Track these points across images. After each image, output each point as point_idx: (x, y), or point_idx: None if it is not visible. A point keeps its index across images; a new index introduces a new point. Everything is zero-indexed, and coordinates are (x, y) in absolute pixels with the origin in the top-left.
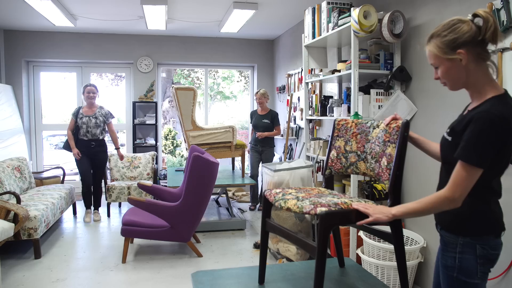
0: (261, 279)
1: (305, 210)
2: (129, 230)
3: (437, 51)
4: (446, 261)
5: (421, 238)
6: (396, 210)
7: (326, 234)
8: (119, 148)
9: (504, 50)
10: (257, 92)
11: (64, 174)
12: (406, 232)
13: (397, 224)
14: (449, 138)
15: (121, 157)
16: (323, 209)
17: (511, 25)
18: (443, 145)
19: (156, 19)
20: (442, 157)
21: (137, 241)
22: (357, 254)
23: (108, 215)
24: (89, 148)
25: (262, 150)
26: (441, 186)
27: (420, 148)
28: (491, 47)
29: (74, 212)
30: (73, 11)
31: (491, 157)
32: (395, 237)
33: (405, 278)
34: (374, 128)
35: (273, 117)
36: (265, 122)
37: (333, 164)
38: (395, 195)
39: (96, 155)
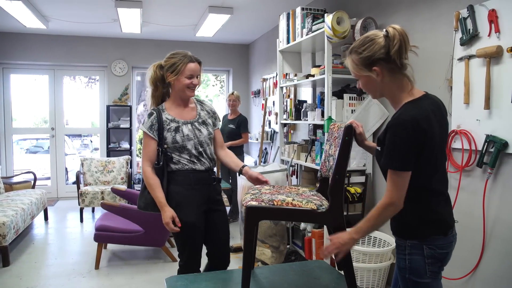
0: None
1: (243, 203)
2: (103, 236)
3: (353, 68)
4: (399, 263)
5: (393, 239)
6: (357, 235)
7: (250, 225)
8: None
9: (470, 57)
10: (232, 93)
11: (35, 179)
12: (378, 234)
13: (334, 222)
14: (379, 148)
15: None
16: (253, 203)
17: (477, 33)
18: (377, 156)
19: (130, 23)
20: (379, 165)
21: (110, 246)
22: (331, 256)
23: (81, 221)
24: (209, 188)
25: None
26: None
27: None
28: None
29: (46, 218)
30: (45, 13)
31: (412, 158)
32: (334, 232)
33: (351, 278)
34: None
35: (239, 122)
36: (230, 127)
37: (322, 167)
38: (333, 199)
39: (217, 203)
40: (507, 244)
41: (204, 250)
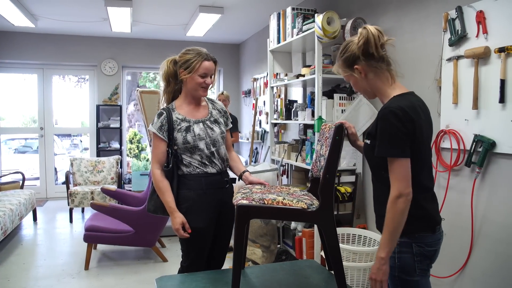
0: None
1: (233, 202)
2: (92, 236)
3: (340, 72)
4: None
5: None
6: (383, 252)
7: (240, 224)
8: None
9: (459, 57)
10: (222, 93)
11: (23, 179)
12: (367, 233)
13: (324, 221)
14: (368, 142)
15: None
16: (244, 202)
17: (465, 34)
18: (366, 150)
19: (120, 22)
20: (367, 160)
21: (100, 247)
22: (321, 256)
23: (71, 221)
24: (222, 191)
25: None
26: (374, 192)
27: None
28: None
29: (35, 218)
30: (33, 11)
31: (408, 144)
32: (324, 231)
33: (341, 277)
34: None
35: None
36: None
37: (313, 167)
38: (323, 198)
39: (228, 205)
40: (495, 243)
41: None
